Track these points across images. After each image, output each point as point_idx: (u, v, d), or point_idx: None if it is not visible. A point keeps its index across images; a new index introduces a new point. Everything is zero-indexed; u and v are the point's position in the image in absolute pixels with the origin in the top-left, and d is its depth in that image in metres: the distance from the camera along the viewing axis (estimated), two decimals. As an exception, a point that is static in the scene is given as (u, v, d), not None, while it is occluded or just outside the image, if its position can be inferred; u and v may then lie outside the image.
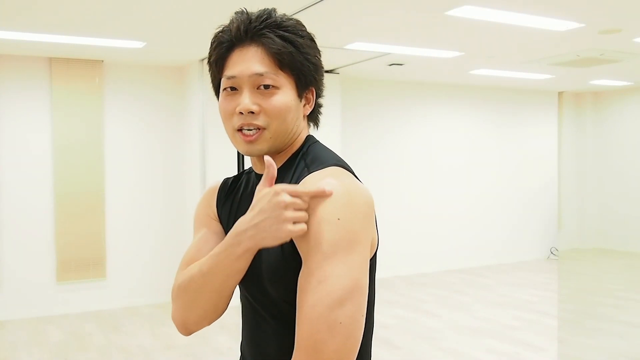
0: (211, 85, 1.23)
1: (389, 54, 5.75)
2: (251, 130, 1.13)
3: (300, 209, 1.01)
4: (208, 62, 1.21)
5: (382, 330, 5.17)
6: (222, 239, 1.25)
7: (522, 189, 8.69)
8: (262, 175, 1.22)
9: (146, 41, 5.08)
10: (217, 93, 1.21)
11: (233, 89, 1.14)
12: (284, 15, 1.17)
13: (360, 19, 4.44)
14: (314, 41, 1.18)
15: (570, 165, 9.44)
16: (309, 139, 1.22)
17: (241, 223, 1.05)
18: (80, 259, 5.99)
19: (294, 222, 1.00)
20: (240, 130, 1.14)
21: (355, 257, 1.00)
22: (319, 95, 1.22)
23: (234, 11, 1.18)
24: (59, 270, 5.90)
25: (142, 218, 6.31)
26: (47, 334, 5.24)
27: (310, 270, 1.00)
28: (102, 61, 6.02)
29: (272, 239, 1.01)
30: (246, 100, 1.12)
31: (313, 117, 1.24)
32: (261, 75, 1.12)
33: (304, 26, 1.17)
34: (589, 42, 5.27)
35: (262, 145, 1.14)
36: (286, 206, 0.99)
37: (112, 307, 6.15)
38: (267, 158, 1.04)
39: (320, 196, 1.01)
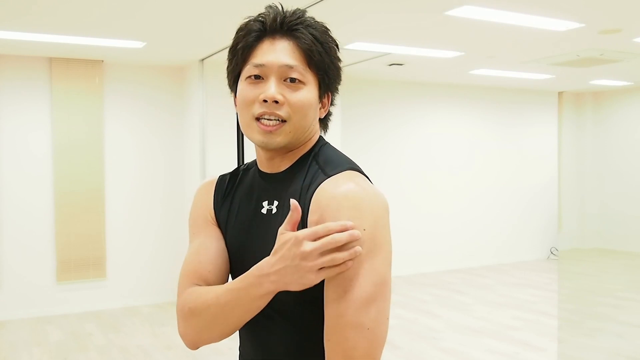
0: (226, 75, 1.21)
1: (389, 54, 5.75)
2: (271, 120, 1.11)
3: (325, 253, 0.96)
4: (231, 49, 1.18)
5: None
6: (222, 244, 1.23)
7: (522, 189, 8.69)
8: (266, 174, 1.20)
9: (146, 41, 5.08)
10: (233, 82, 1.19)
11: (257, 77, 1.13)
12: (313, 17, 1.17)
13: (360, 19, 4.44)
14: (338, 49, 1.18)
15: (570, 165, 9.44)
16: (320, 139, 1.22)
17: (264, 266, 1.01)
18: (80, 259, 5.99)
19: (320, 268, 0.97)
20: (258, 119, 1.12)
21: (378, 263, 1.02)
22: (332, 103, 1.23)
23: (265, 5, 1.17)
24: (59, 270, 5.90)
25: (142, 218, 6.31)
26: (47, 334, 5.24)
27: (336, 280, 1.01)
28: (102, 61, 6.02)
29: (296, 285, 0.99)
30: (272, 88, 1.10)
31: (324, 123, 1.24)
32: (291, 67, 1.11)
33: (331, 31, 1.18)
34: (589, 42, 5.27)
35: (280, 138, 1.12)
36: (307, 256, 0.96)
37: (112, 307, 6.15)
38: (293, 202, 1.00)
39: (342, 231, 0.97)
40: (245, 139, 6.08)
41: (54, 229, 5.89)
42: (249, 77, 1.13)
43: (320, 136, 1.24)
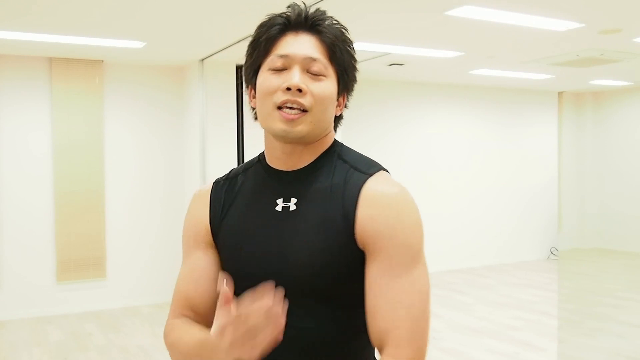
0: (244, 69, 1.21)
1: (389, 54, 5.75)
2: (293, 109, 1.11)
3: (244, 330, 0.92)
4: (252, 42, 1.18)
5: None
6: (212, 266, 1.22)
7: (522, 189, 8.68)
8: (280, 171, 1.18)
9: (146, 41, 5.08)
10: (252, 75, 1.18)
11: (280, 68, 1.13)
12: (333, 17, 1.20)
13: (360, 19, 4.44)
14: (354, 51, 1.22)
15: (570, 165, 9.44)
16: (336, 140, 1.24)
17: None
18: (80, 259, 5.99)
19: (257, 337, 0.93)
20: (280, 108, 1.11)
21: (424, 259, 1.11)
22: (346, 105, 1.24)
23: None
24: (59, 270, 5.90)
25: (142, 218, 6.31)
26: (47, 334, 5.24)
27: (398, 273, 1.06)
28: (102, 61, 6.02)
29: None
30: (296, 77, 1.11)
31: (334, 124, 1.25)
32: (314, 60, 1.12)
33: (349, 33, 1.21)
34: (589, 42, 5.27)
35: (301, 127, 1.11)
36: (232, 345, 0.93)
37: (112, 307, 6.15)
38: (222, 291, 0.95)
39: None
40: (246, 139, 6.08)
41: (54, 229, 5.88)
42: (272, 68, 1.14)
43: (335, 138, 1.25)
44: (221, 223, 1.21)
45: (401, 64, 6.37)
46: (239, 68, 6.08)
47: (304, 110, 1.11)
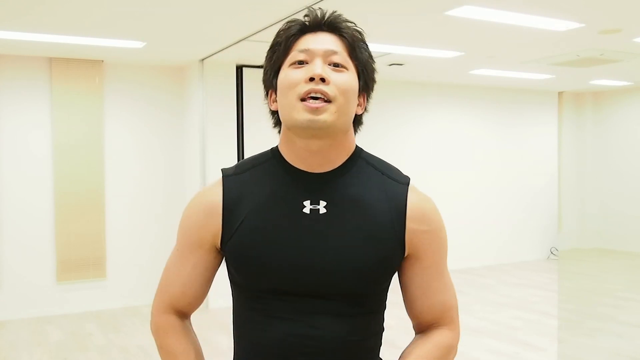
0: (263, 74, 1.21)
1: (389, 54, 5.75)
2: (317, 99, 1.10)
3: None
4: (271, 47, 1.19)
5: (384, 331, 5.16)
6: (213, 269, 1.24)
7: (522, 189, 8.68)
8: (305, 172, 1.16)
9: (146, 41, 5.08)
10: (273, 76, 1.17)
11: (301, 63, 1.13)
12: (349, 21, 1.23)
13: (361, 19, 4.43)
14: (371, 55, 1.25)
15: (570, 165, 9.43)
16: (356, 144, 1.25)
17: None
18: (80, 259, 5.99)
19: None
20: (303, 100, 1.10)
21: None
22: (366, 109, 1.25)
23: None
24: (59, 270, 5.90)
25: (142, 218, 6.31)
26: (47, 334, 5.24)
27: (442, 272, 1.23)
28: (102, 61, 6.02)
29: None
30: (319, 68, 1.11)
31: (354, 128, 1.26)
32: (335, 52, 1.14)
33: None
34: (589, 42, 5.27)
35: (326, 115, 1.10)
36: None
37: (112, 307, 6.15)
38: None
39: None
40: (246, 139, 6.08)
41: (54, 229, 5.88)
42: (293, 63, 1.14)
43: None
44: (240, 224, 1.16)
45: (401, 64, 6.37)
46: (239, 68, 6.08)
47: (328, 101, 1.10)
